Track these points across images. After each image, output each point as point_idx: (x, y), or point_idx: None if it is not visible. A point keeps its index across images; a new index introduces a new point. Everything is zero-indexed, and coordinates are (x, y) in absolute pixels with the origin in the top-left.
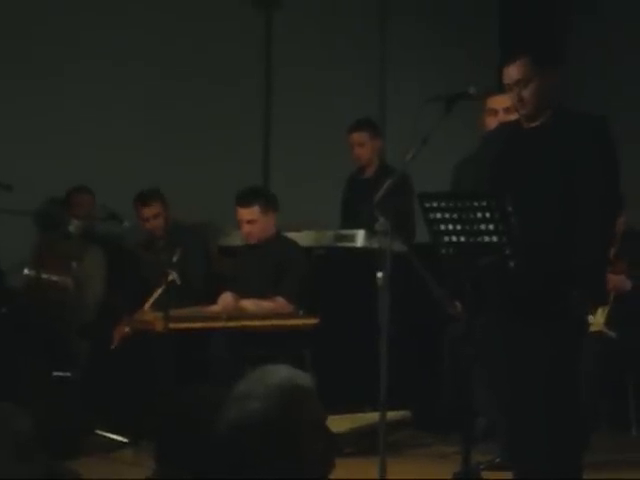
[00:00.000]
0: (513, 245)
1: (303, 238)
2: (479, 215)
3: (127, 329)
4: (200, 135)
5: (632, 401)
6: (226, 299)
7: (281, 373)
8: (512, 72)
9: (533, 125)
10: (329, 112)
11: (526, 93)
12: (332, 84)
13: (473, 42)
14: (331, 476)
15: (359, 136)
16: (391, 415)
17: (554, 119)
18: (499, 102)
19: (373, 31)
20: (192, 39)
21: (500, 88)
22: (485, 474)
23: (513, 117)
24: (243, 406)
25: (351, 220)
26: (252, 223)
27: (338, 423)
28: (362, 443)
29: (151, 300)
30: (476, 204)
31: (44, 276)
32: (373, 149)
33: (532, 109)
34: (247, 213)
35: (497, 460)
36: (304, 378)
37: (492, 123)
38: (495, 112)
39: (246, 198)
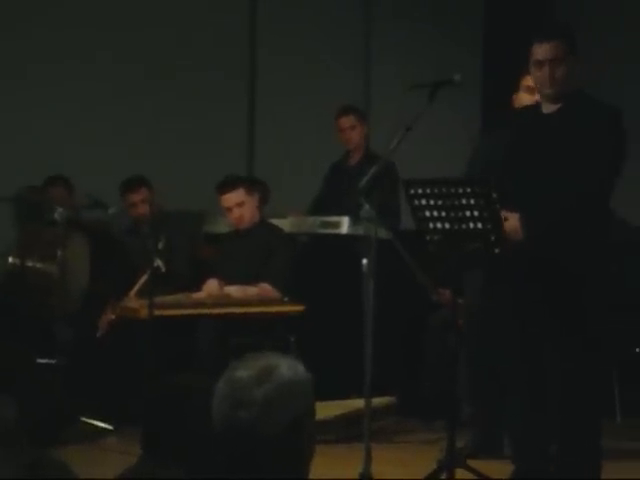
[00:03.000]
0: (497, 232)
1: (288, 225)
2: (464, 202)
3: (112, 316)
4: (183, 123)
5: (616, 388)
6: (211, 286)
7: (284, 363)
8: (548, 49)
9: (553, 109)
10: (314, 99)
11: (559, 72)
12: (317, 71)
13: (458, 29)
14: (316, 462)
15: (349, 120)
16: (376, 402)
17: (573, 104)
18: None
19: (358, 14)
20: (174, 23)
21: (484, 74)
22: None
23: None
24: (245, 397)
25: (334, 207)
26: (241, 206)
27: (323, 410)
28: (347, 430)
29: (136, 287)
30: (461, 191)
31: (29, 264)
32: (362, 133)
33: (560, 89)
34: (234, 197)
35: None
36: (303, 369)
37: (527, 101)
38: (532, 90)
39: (229, 183)
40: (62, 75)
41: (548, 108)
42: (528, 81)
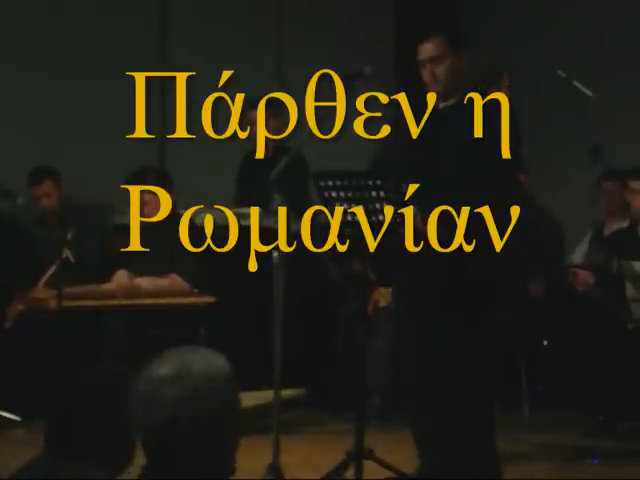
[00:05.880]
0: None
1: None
2: (374, 194)
3: (20, 307)
4: (95, 113)
5: (524, 381)
6: (120, 277)
7: (200, 357)
8: (427, 49)
9: (447, 104)
10: (226, 92)
11: (439, 70)
12: (229, 65)
13: (370, 22)
14: None
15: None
16: (286, 393)
17: (462, 100)
18: None
19: (269, 8)
20: (86, 21)
21: (395, 67)
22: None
23: None
24: (162, 395)
25: (247, 199)
26: (149, 201)
27: None
28: (257, 421)
29: (44, 278)
30: (370, 183)
31: None
32: (272, 128)
33: (444, 87)
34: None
35: None
36: (221, 361)
37: None
38: None
39: (138, 177)
40: None
41: (441, 104)
42: None
